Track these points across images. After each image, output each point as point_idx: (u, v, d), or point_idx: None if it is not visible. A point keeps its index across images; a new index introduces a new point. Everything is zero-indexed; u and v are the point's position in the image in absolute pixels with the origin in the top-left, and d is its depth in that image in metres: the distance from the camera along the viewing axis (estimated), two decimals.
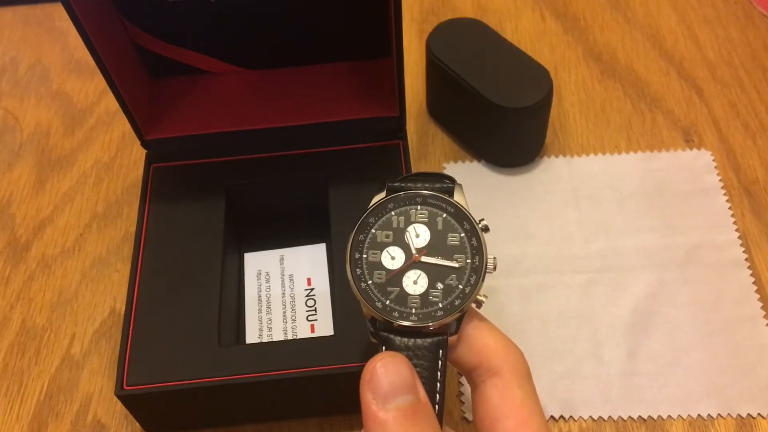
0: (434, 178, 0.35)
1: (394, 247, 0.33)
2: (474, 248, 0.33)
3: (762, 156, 0.52)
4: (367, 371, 0.29)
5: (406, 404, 0.28)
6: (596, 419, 0.42)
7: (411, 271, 0.33)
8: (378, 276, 0.33)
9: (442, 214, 0.34)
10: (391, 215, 0.34)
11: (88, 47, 0.39)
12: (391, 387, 0.28)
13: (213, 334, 0.40)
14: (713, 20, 0.60)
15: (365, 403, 0.28)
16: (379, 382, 0.28)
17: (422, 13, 0.62)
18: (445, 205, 0.34)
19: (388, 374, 0.29)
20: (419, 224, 0.34)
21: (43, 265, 0.49)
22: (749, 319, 0.44)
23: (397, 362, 0.29)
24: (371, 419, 0.28)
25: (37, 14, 0.64)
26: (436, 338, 0.32)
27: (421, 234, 0.33)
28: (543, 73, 0.49)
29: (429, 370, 0.31)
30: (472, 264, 0.33)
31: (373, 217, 0.34)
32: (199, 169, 0.46)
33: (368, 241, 0.33)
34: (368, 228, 0.34)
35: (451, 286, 0.32)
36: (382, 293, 0.32)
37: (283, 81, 0.48)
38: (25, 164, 0.55)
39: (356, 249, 0.33)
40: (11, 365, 0.45)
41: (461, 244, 0.33)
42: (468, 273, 0.32)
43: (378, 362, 0.29)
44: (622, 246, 0.48)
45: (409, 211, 0.34)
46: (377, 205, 0.34)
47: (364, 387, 0.29)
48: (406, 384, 0.29)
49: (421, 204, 0.34)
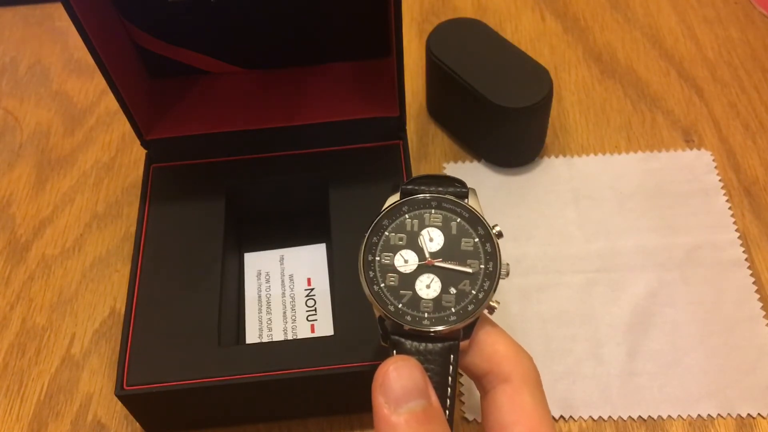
0: (447, 181, 0.35)
1: (407, 251, 0.33)
2: (488, 254, 0.33)
3: (762, 156, 0.52)
4: (379, 375, 0.29)
5: (418, 409, 0.28)
6: (596, 419, 0.42)
7: (424, 275, 0.32)
8: (391, 279, 0.32)
9: (457, 219, 0.34)
10: (405, 218, 0.34)
11: (88, 47, 0.39)
12: (403, 391, 0.28)
13: (213, 334, 0.40)
14: (713, 20, 0.60)
15: (377, 406, 0.28)
16: (391, 386, 0.28)
17: (422, 13, 0.62)
18: (460, 209, 0.34)
19: (401, 378, 0.28)
20: (433, 228, 0.33)
21: (43, 265, 0.49)
22: (749, 319, 0.44)
23: (410, 366, 0.29)
24: (383, 423, 0.28)
25: (37, 14, 0.64)
26: (448, 343, 0.31)
27: (435, 238, 0.33)
28: (543, 73, 0.49)
29: (440, 375, 0.31)
30: (486, 269, 0.32)
31: (387, 219, 0.34)
32: (199, 169, 0.46)
33: (381, 243, 0.33)
34: (382, 230, 0.33)
35: (464, 292, 0.32)
36: (394, 296, 0.32)
37: (283, 81, 0.48)
38: (25, 164, 0.55)
39: (369, 251, 0.33)
40: (11, 365, 0.45)
41: (475, 249, 0.33)
42: (481, 278, 0.32)
43: (391, 366, 0.29)
44: (622, 246, 0.48)
45: (423, 214, 0.34)
46: (392, 208, 0.34)
47: (376, 390, 0.29)
48: (418, 388, 0.28)
49: (436, 208, 0.34)
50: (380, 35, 0.46)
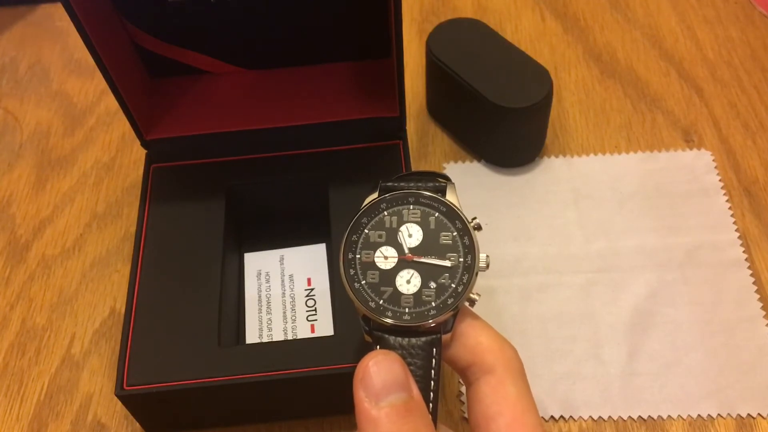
0: (427, 177, 0.35)
1: (387, 247, 0.33)
2: (466, 247, 0.33)
3: (762, 156, 0.52)
4: (359, 369, 0.29)
5: (398, 402, 0.28)
6: (596, 419, 0.42)
7: (404, 271, 0.33)
8: (371, 276, 0.33)
9: (435, 214, 0.34)
10: (383, 215, 0.34)
11: (88, 47, 0.39)
12: (383, 385, 0.28)
13: (213, 334, 0.40)
14: (713, 20, 0.60)
15: (358, 400, 0.28)
16: (371, 380, 0.28)
17: (422, 13, 0.62)
18: (438, 204, 0.34)
19: (381, 372, 0.29)
20: (412, 224, 0.34)
21: (43, 265, 0.49)
22: (749, 319, 0.44)
23: (389, 360, 0.29)
24: (364, 417, 0.28)
25: (37, 14, 0.64)
26: (430, 337, 0.32)
27: (414, 233, 0.33)
28: (543, 73, 0.49)
29: (423, 369, 0.31)
30: (465, 263, 0.33)
31: (365, 217, 0.34)
32: (199, 169, 0.46)
33: (361, 241, 0.33)
34: (361, 228, 0.34)
35: (444, 285, 0.32)
36: (375, 293, 0.32)
37: (283, 81, 0.48)
38: (25, 164, 0.55)
39: (349, 249, 0.33)
40: (11, 365, 0.45)
41: (454, 243, 0.33)
42: (461, 272, 0.32)
43: (370, 360, 0.29)
44: (622, 246, 0.48)
45: (401, 210, 0.34)
46: (370, 206, 0.34)
47: (356, 385, 0.29)
48: (398, 382, 0.29)
49: (414, 203, 0.34)
50: (380, 35, 0.46)
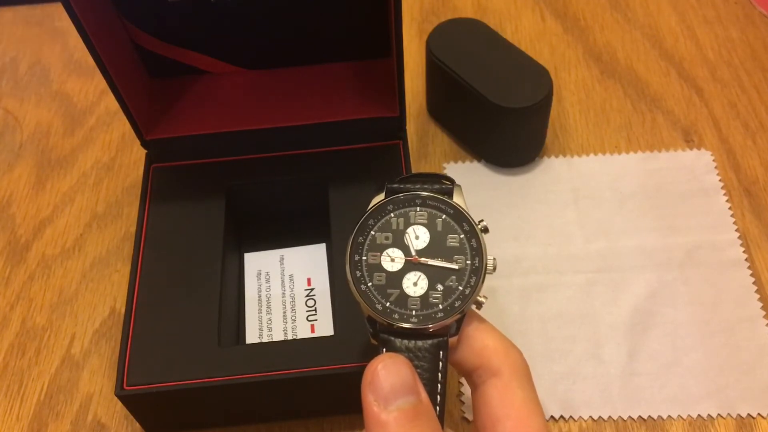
0: (433, 179, 0.35)
1: (393, 249, 0.33)
2: (474, 249, 0.33)
3: (762, 156, 0.52)
4: (368, 373, 0.29)
5: (407, 406, 0.28)
6: (596, 419, 0.42)
7: (411, 273, 0.33)
8: (378, 278, 0.33)
9: (442, 216, 0.34)
10: (390, 217, 0.34)
11: (88, 47, 0.39)
12: (392, 388, 0.28)
13: (213, 334, 0.40)
14: (713, 20, 0.60)
15: (367, 404, 0.28)
16: (380, 383, 0.28)
17: (422, 13, 0.62)
18: (445, 206, 0.34)
19: (389, 376, 0.29)
20: (419, 226, 0.33)
21: (43, 265, 0.49)
22: (749, 319, 0.44)
23: (397, 364, 0.29)
24: (373, 421, 0.28)
25: (37, 14, 0.64)
26: (437, 340, 0.31)
27: (421, 236, 0.33)
28: (543, 73, 0.49)
29: (430, 372, 0.31)
30: (472, 265, 0.33)
31: (372, 218, 0.34)
32: (199, 169, 0.46)
33: (368, 243, 0.33)
34: (368, 230, 0.34)
35: (451, 288, 0.32)
36: (382, 295, 0.32)
37: (283, 81, 0.48)
38: (25, 164, 0.55)
39: (356, 251, 0.33)
40: (11, 365, 0.45)
41: (461, 245, 0.33)
42: (468, 274, 0.32)
43: (379, 364, 0.29)
44: (622, 246, 0.48)
45: (408, 212, 0.34)
46: (376, 207, 0.34)
47: (365, 389, 0.29)
48: (407, 385, 0.29)
49: (421, 205, 0.34)
50: (380, 35, 0.46)
